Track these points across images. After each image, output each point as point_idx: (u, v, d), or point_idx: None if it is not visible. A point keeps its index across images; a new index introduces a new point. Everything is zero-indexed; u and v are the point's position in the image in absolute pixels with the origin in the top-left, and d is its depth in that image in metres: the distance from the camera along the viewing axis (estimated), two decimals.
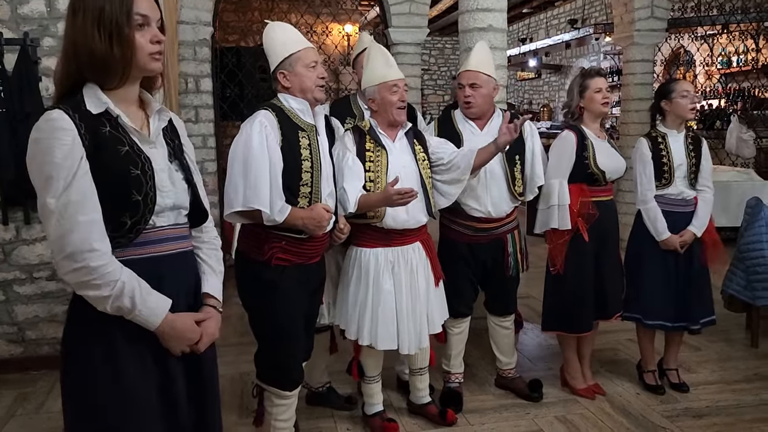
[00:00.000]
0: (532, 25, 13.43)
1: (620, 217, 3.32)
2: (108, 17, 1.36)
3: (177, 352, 1.48)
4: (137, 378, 1.44)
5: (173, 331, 1.45)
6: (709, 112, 8.33)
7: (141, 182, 1.41)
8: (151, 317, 1.41)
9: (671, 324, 3.15)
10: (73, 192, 1.33)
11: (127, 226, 1.41)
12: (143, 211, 1.42)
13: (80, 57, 1.38)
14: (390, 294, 2.62)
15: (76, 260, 1.33)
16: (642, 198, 3.12)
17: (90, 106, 1.39)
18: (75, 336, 1.45)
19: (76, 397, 1.44)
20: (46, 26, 3.41)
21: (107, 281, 1.35)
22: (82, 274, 1.34)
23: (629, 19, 6.16)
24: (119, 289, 1.36)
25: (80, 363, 1.43)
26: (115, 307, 1.37)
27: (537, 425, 2.91)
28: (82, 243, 1.32)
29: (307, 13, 6.75)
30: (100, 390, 1.41)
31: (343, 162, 2.54)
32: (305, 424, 2.89)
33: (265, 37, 2.40)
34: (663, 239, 3.06)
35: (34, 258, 3.49)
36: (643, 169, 3.10)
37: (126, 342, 1.42)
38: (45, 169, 1.32)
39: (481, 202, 2.92)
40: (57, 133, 1.33)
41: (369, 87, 2.66)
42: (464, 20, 3.86)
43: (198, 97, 5.04)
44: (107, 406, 1.41)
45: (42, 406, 3.12)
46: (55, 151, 1.32)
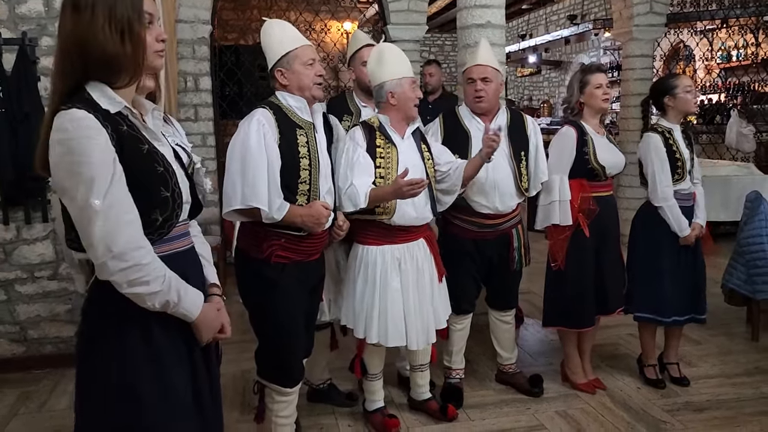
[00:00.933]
0: (532, 21, 13.41)
1: (620, 213, 3.32)
2: (120, 16, 1.35)
3: (206, 341, 1.52)
4: (176, 375, 1.46)
5: (206, 320, 1.49)
6: (709, 107, 8.33)
7: (167, 179, 1.43)
8: (192, 308, 1.45)
9: (682, 318, 3.15)
10: (116, 191, 1.32)
11: (158, 222, 1.42)
12: (173, 206, 1.44)
13: (88, 55, 1.35)
14: (398, 291, 2.62)
15: (124, 259, 1.32)
16: (662, 195, 3.05)
17: (106, 105, 1.37)
18: (104, 334, 1.43)
19: (112, 401, 1.41)
20: (45, 26, 3.41)
21: (156, 276, 1.37)
22: (133, 272, 1.34)
23: (628, 15, 6.15)
24: (167, 284, 1.39)
25: (115, 360, 1.41)
26: (164, 301, 1.39)
27: (538, 420, 2.92)
28: (129, 242, 1.33)
29: (306, 10, 6.74)
30: (141, 388, 1.41)
31: (354, 157, 2.53)
32: (306, 421, 2.90)
33: (263, 34, 2.39)
34: (686, 234, 3.05)
35: (35, 257, 3.50)
36: (661, 166, 3.04)
37: (164, 338, 1.44)
38: (83, 170, 1.30)
39: (490, 198, 2.92)
40: (89, 132, 1.31)
41: (390, 81, 2.61)
42: (462, 17, 3.86)
43: (197, 96, 5.05)
44: (150, 404, 1.42)
45: (44, 405, 3.12)
46: (91, 151, 1.30)
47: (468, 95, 2.97)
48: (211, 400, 1.59)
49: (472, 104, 2.97)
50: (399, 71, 2.62)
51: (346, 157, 2.54)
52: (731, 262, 3.94)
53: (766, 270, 3.68)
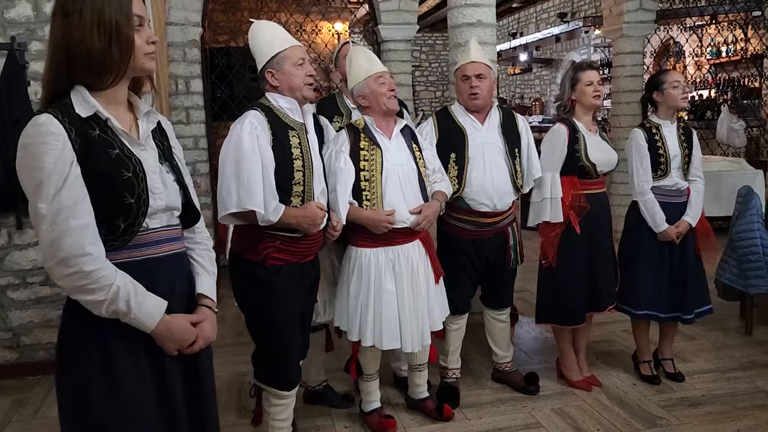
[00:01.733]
0: (522, 19, 13.44)
1: (613, 210, 3.33)
2: (108, 19, 1.36)
3: (172, 352, 1.48)
4: (134, 385, 1.43)
5: (169, 333, 1.45)
6: (699, 103, 8.36)
7: (133, 185, 1.41)
8: (146, 320, 1.41)
9: (663, 315, 3.16)
10: (65, 197, 1.32)
11: (120, 229, 1.40)
12: (136, 213, 1.42)
13: (74, 58, 1.37)
14: (392, 294, 2.62)
15: (69, 265, 1.32)
16: (639, 190, 3.10)
17: (79, 109, 1.38)
18: (69, 343, 1.44)
19: (72, 406, 1.43)
20: (34, 30, 3.39)
21: (102, 285, 1.34)
22: (76, 279, 1.33)
23: (618, 12, 6.17)
24: (114, 293, 1.35)
25: (75, 372, 1.41)
26: (111, 310, 1.37)
27: (534, 418, 2.92)
28: (74, 247, 1.32)
29: (297, 11, 6.74)
30: (96, 399, 1.40)
31: (335, 164, 2.53)
32: (303, 423, 2.89)
33: (251, 36, 2.38)
34: (661, 231, 3.07)
35: (27, 263, 3.48)
36: (640, 161, 3.08)
37: (122, 348, 1.42)
38: (35, 174, 1.31)
39: (488, 196, 2.92)
40: (46, 137, 1.32)
41: (357, 85, 2.65)
42: (453, 16, 3.86)
43: (189, 99, 5.02)
44: (104, 416, 1.40)
45: (38, 412, 3.11)
46: (45, 156, 1.31)
47: (463, 93, 2.97)
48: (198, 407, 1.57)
49: (467, 101, 2.97)
50: (362, 72, 2.64)
51: (327, 163, 2.54)
52: (724, 257, 3.96)
53: (758, 264, 3.69)
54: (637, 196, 3.12)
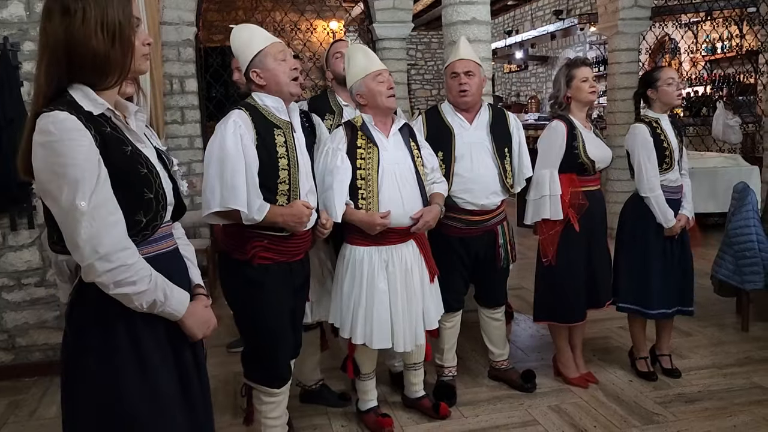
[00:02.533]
0: (518, 16, 13.43)
1: (608, 206, 3.33)
2: (112, 20, 1.36)
3: (199, 337, 1.53)
4: (165, 379, 1.47)
5: (194, 317, 1.51)
6: (695, 99, 8.37)
7: (150, 180, 1.43)
8: (178, 307, 1.46)
9: (670, 310, 3.16)
10: (101, 193, 1.33)
11: (142, 224, 1.42)
12: (156, 208, 1.44)
13: (77, 58, 1.36)
14: (384, 293, 2.61)
15: (111, 260, 1.33)
16: (649, 186, 3.04)
17: (88, 107, 1.37)
18: (93, 343, 1.42)
19: (98, 398, 1.42)
20: (26, 30, 3.37)
21: (142, 276, 1.37)
22: (120, 273, 1.34)
23: (613, 9, 6.18)
24: (154, 283, 1.39)
25: (108, 369, 1.41)
26: (151, 301, 1.40)
27: (531, 415, 2.92)
28: (116, 242, 1.34)
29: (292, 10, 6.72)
30: (128, 389, 1.41)
31: (332, 162, 2.52)
32: (299, 422, 2.89)
33: (233, 41, 2.39)
34: (671, 226, 3.06)
35: (21, 264, 3.46)
36: (648, 157, 3.03)
37: (152, 342, 1.45)
38: (68, 171, 1.29)
39: (475, 195, 2.91)
40: (72, 134, 1.31)
41: (355, 83, 2.64)
42: (448, 14, 3.86)
43: (183, 98, 5.02)
44: (137, 406, 1.42)
45: (34, 413, 3.09)
46: (75, 152, 1.30)
47: (452, 90, 2.97)
48: (202, 398, 1.60)
49: (456, 99, 2.96)
50: (360, 71, 2.62)
51: (324, 161, 2.53)
52: (720, 253, 3.96)
53: (754, 260, 3.70)
54: (647, 193, 3.06)
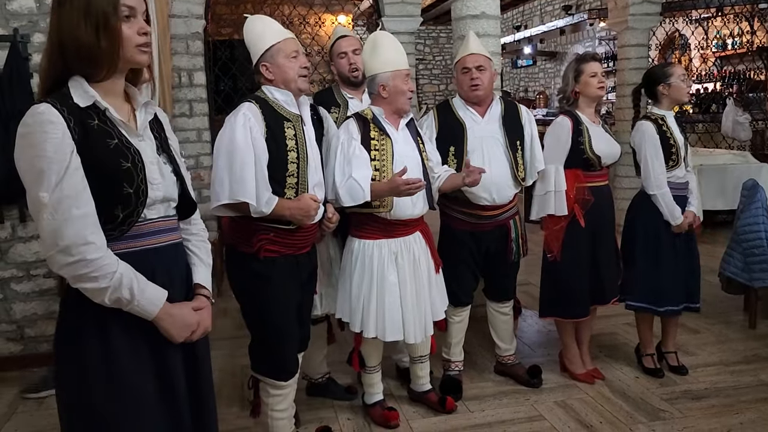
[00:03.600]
0: (527, 12, 13.36)
1: (617, 202, 3.31)
2: (95, 8, 1.35)
3: (178, 340, 1.48)
4: (134, 375, 1.44)
5: (171, 319, 1.46)
6: (704, 96, 8.32)
7: (132, 175, 1.41)
8: (149, 307, 1.42)
9: (678, 307, 3.15)
10: (66, 186, 1.32)
11: (119, 219, 1.41)
12: (135, 203, 1.42)
13: (66, 49, 1.37)
14: (395, 285, 2.61)
15: (71, 254, 1.32)
16: (657, 183, 3.03)
17: (77, 99, 1.38)
18: (68, 333, 1.44)
19: (72, 397, 1.44)
20: (36, 22, 3.39)
21: (104, 273, 1.35)
22: (79, 267, 1.33)
23: (623, 4, 6.14)
24: (117, 281, 1.36)
25: (74, 361, 1.42)
26: (114, 298, 1.37)
27: (537, 411, 2.92)
28: (77, 236, 1.32)
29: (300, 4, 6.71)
30: (96, 389, 1.41)
31: (350, 150, 2.52)
32: (306, 415, 2.90)
33: (246, 31, 2.39)
34: (679, 223, 3.05)
35: (30, 255, 3.49)
36: (655, 154, 3.02)
37: (122, 338, 1.42)
38: (36, 163, 1.31)
39: (487, 189, 2.90)
40: (45, 126, 1.32)
41: (382, 73, 2.60)
42: (457, 8, 3.84)
43: (192, 91, 5.02)
44: (104, 405, 1.41)
45: (43, 403, 3.12)
46: (46, 144, 1.31)
47: (464, 85, 2.96)
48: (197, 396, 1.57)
49: (468, 93, 2.95)
50: (392, 63, 2.60)
51: (341, 151, 2.52)
52: (728, 251, 3.94)
53: (763, 258, 3.68)
54: (654, 190, 3.04)
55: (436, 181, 2.77)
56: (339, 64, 3.00)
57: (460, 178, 2.70)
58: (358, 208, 2.57)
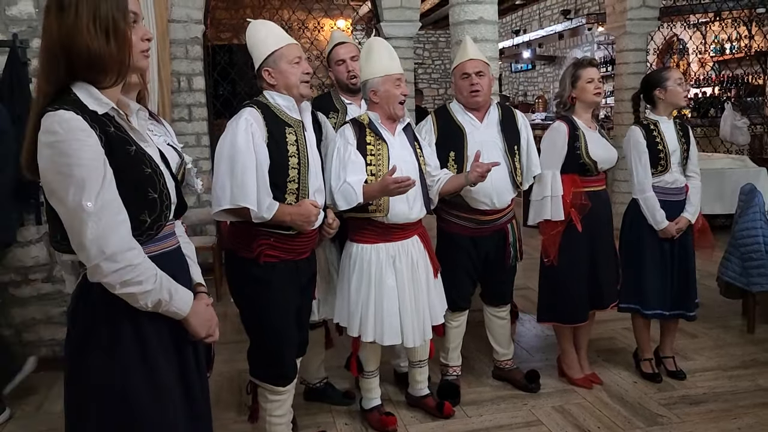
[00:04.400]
0: (525, 16, 13.41)
1: (615, 207, 3.32)
2: (105, 14, 1.34)
3: (202, 336, 1.53)
4: (168, 375, 1.47)
5: (197, 316, 1.50)
6: (702, 100, 8.33)
7: (154, 180, 1.43)
8: (183, 306, 1.46)
9: (668, 312, 3.16)
10: (107, 193, 1.33)
11: (147, 224, 1.42)
12: (161, 207, 1.44)
13: (73, 55, 1.34)
14: (393, 289, 2.62)
15: (117, 260, 1.33)
16: (639, 187, 3.09)
17: (93, 106, 1.36)
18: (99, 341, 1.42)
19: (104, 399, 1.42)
20: (35, 27, 3.40)
21: (148, 276, 1.38)
22: (125, 273, 1.34)
23: (621, 9, 6.16)
24: (159, 282, 1.39)
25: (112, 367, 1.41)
26: (156, 300, 1.40)
27: (534, 416, 2.92)
28: (122, 243, 1.34)
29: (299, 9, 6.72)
30: (138, 390, 1.42)
31: (346, 155, 2.53)
32: (303, 420, 2.89)
33: (248, 35, 2.39)
34: (662, 228, 3.06)
35: (29, 260, 3.49)
36: (639, 158, 3.07)
37: (156, 340, 1.45)
38: (75, 172, 1.29)
39: (487, 194, 2.91)
40: (78, 134, 1.30)
41: (372, 79, 2.63)
42: (455, 13, 3.85)
43: (191, 96, 5.04)
44: (143, 405, 1.43)
45: (40, 408, 3.12)
46: (82, 153, 1.30)
47: (463, 90, 2.96)
48: (202, 397, 1.60)
49: (467, 99, 2.96)
50: (381, 69, 2.62)
51: (337, 156, 2.53)
52: (726, 255, 3.95)
53: (760, 262, 3.68)
54: (637, 194, 3.11)
55: (437, 184, 2.77)
56: (337, 71, 3.02)
57: (463, 178, 2.71)
58: (355, 212, 2.58)
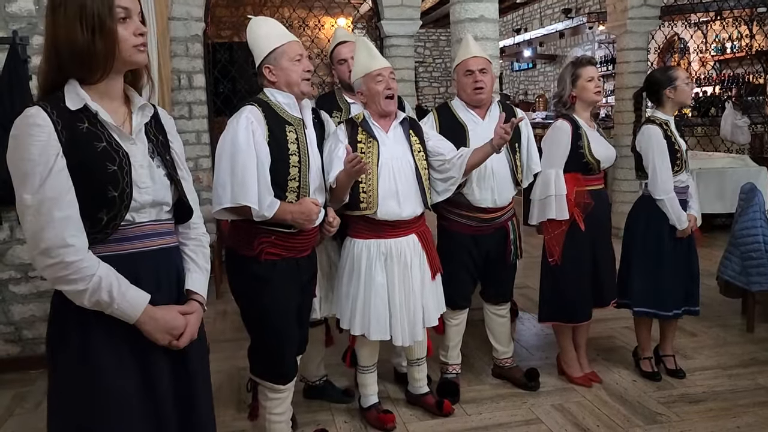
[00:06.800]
0: (526, 15, 13.40)
1: (615, 206, 3.32)
2: (90, 11, 1.36)
3: (163, 343, 1.47)
4: (115, 378, 1.43)
5: (155, 322, 1.45)
6: (703, 99, 8.32)
7: (117, 178, 1.41)
8: (129, 310, 1.41)
9: (680, 311, 3.15)
10: (49, 188, 1.34)
11: (103, 222, 1.41)
12: (119, 207, 1.42)
13: (62, 52, 1.38)
14: (382, 286, 2.62)
15: (50, 256, 1.34)
16: (664, 188, 3.01)
17: (69, 102, 1.39)
18: (54, 336, 1.46)
19: (56, 398, 1.45)
20: (35, 24, 3.39)
21: (83, 276, 1.36)
22: (58, 269, 1.35)
23: (622, 8, 6.15)
24: (96, 284, 1.37)
25: (59, 363, 1.44)
26: (93, 301, 1.38)
27: (534, 414, 2.92)
28: (57, 239, 1.34)
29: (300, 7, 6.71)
30: (76, 390, 1.42)
31: (334, 153, 2.54)
32: (303, 418, 2.90)
33: (249, 32, 2.39)
34: (684, 227, 3.04)
35: (28, 257, 3.48)
36: (662, 159, 3.01)
37: (103, 341, 1.42)
38: (21, 165, 1.34)
39: (489, 191, 2.91)
40: (31, 129, 1.34)
41: (356, 80, 2.66)
42: (456, 11, 3.85)
43: (191, 93, 5.03)
44: (84, 407, 1.42)
45: (40, 405, 3.11)
46: (31, 147, 1.33)
47: (466, 87, 2.95)
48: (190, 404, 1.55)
49: (471, 96, 2.95)
50: (362, 68, 2.62)
51: (328, 154, 2.54)
52: (726, 254, 3.94)
53: (760, 261, 3.68)
54: (661, 195, 3.02)
55: (459, 159, 2.68)
56: (339, 70, 3.02)
57: (487, 147, 2.65)
58: (349, 210, 2.60)
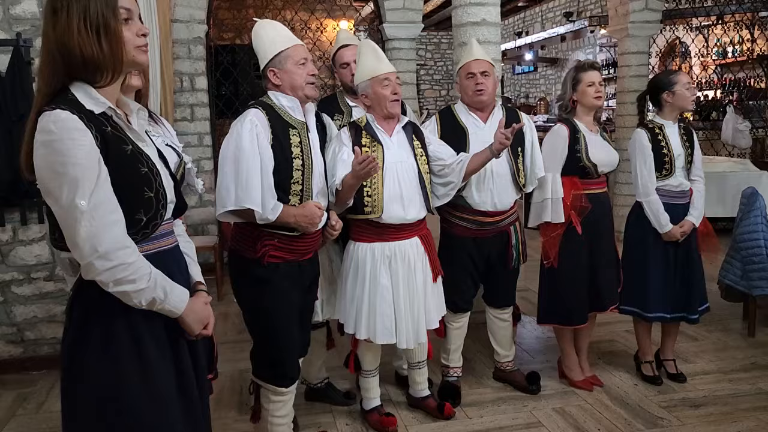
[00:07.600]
0: (528, 18, 13.41)
1: (617, 210, 3.32)
2: (95, 14, 1.36)
3: (196, 332, 1.54)
4: (164, 373, 1.48)
5: (194, 314, 1.52)
6: (704, 103, 8.33)
7: (150, 179, 1.44)
8: (178, 304, 1.47)
9: (669, 315, 3.16)
10: (101, 192, 1.34)
11: (142, 222, 1.43)
12: (156, 206, 1.45)
13: (68, 56, 1.37)
14: (387, 289, 2.62)
15: (110, 258, 1.34)
16: (643, 191, 3.08)
17: (90, 105, 1.38)
18: (94, 339, 1.43)
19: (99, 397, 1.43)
20: (39, 26, 3.40)
21: (142, 274, 1.38)
22: (119, 271, 1.35)
23: (624, 11, 6.16)
24: (153, 281, 1.40)
25: (107, 365, 1.42)
26: (150, 298, 1.41)
27: (535, 417, 2.92)
28: (115, 241, 1.35)
29: (302, 9, 6.74)
30: (133, 388, 1.43)
31: (338, 156, 2.55)
32: (304, 420, 2.90)
33: (254, 35, 2.39)
34: (666, 231, 3.07)
35: (31, 258, 3.50)
36: (644, 162, 3.07)
37: (151, 339, 1.46)
38: (69, 170, 1.31)
39: (489, 195, 2.91)
40: (73, 133, 1.32)
41: (361, 83, 2.66)
42: (458, 15, 3.86)
43: (193, 96, 5.05)
44: (140, 403, 1.43)
45: (42, 406, 3.13)
46: (76, 152, 1.31)
47: (468, 90, 2.96)
48: (199, 395, 1.60)
49: (472, 99, 2.96)
50: (368, 71, 2.63)
51: (332, 157, 2.55)
52: (727, 258, 3.95)
53: (762, 266, 3.68)
54: (641, 197, 3.11)
55: (459, 165, 2.73)
56: (341, 74, 3.02)
57: (487, 152, 2.69)
58: (353, 214, 2.60)
